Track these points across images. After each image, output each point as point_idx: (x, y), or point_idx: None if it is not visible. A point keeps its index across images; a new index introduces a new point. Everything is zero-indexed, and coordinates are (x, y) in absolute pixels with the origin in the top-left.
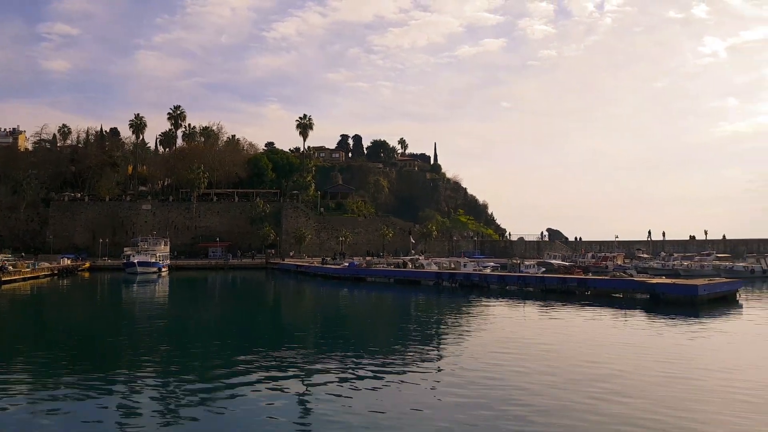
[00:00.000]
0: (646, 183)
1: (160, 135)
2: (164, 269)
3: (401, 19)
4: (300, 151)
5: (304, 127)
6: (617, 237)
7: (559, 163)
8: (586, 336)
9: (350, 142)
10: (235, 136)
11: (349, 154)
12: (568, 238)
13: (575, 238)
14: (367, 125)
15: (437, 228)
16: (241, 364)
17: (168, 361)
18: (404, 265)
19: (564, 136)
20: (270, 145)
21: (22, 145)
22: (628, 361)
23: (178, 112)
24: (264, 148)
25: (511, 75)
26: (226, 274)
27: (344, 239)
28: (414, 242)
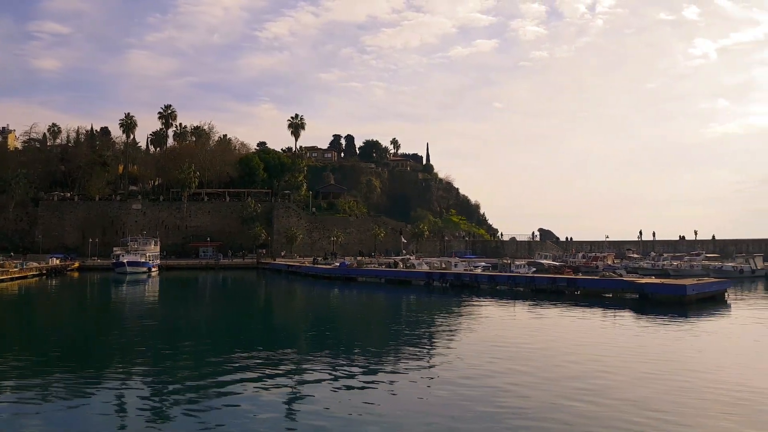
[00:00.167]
0: (637, 183)
1: (151, 134)
2: (154, 269)
3: (394, 20)
4: (292, 151)
5: (296, 126)
6: (608, 237)
7: (551, 164)
8: (574, 336)
9: (343, 142)
10: (226, 135)
11: (341, 154)
12: (559, 238)
13: (566, 238)
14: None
15: (429, 228)
16: (231, 365)
17: (157, 361)
18: (395, 265)
19: (556, 136)
20: (262, 144)
21: (11, 144)
22: (613, 362)
23: (169, 111)
24: (256, 148)
25: (503, 76)
26: (217, 274)
27: (336, 239)
28: (405, 242)
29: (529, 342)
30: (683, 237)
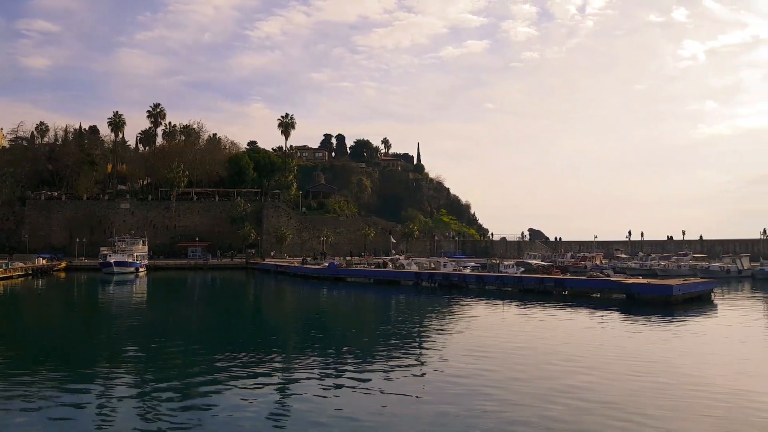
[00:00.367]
0: (626, 184)
1: (140, 133)
2: (142, 269)
3: (385, 20)
4: (282, 151)
5: (287, 126)
6: (597, 237)
7: (542, 164)
8: (560, 336)
9: (333, 141)
10: (216, 134)
11: (332, 154)
12: (549, 238)
13: (555, 239)
14: (350, 125)
15: (419, 228)
16: (218, 364)
17: (144, 361)
18: (384, 265)
19: (547, 137)
20: (253, 144)
21: None
22: (597, 362)
23: (158, 110)
24: (246, 147)
25: (494, 76)
26: (206, 274)
27: (326, 239)
28: (394, 242)
29: (515, 342)
30: (671, 237)
